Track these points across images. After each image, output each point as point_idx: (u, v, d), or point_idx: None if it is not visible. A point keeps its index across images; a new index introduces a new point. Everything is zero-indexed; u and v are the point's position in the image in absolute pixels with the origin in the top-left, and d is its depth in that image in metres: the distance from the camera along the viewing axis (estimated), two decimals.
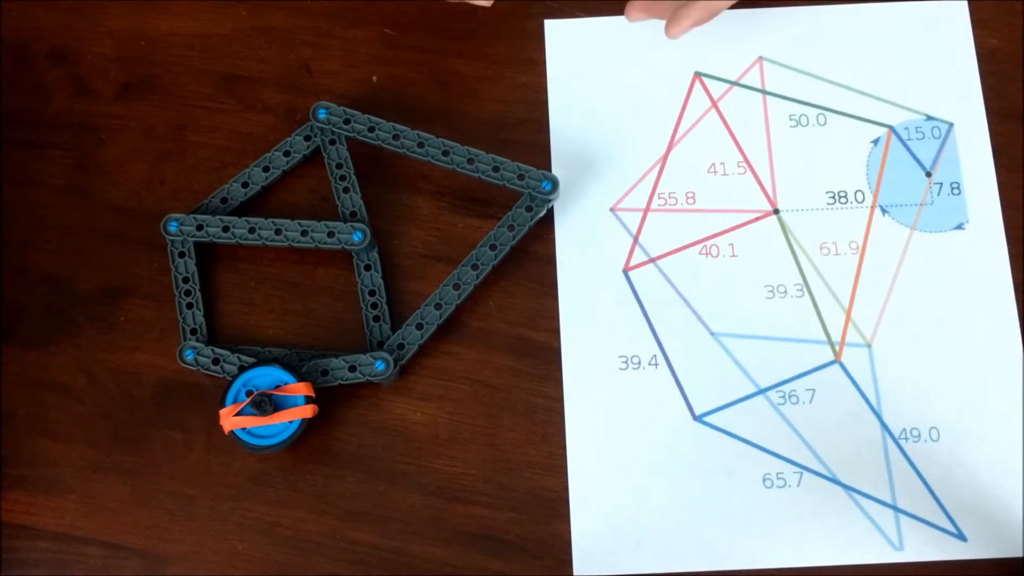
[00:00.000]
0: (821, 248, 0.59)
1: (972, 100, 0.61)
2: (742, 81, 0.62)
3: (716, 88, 0.62)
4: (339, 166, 0.60)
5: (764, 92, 0.62)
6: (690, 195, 0.61)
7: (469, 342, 0.59)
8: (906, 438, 0.56)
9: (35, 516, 0.57)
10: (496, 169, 0.59)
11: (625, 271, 0.59)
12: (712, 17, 0.57)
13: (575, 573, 0.55)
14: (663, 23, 0.57)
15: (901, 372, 0.57)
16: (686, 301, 0.59)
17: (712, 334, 0.58)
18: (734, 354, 0.58)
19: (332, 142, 0.60)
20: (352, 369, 0.56)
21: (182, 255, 0.59)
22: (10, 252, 0.61)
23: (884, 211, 0.60)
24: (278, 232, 0.58)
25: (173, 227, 0.59)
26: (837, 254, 0.59)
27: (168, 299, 0.59)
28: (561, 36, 0.63)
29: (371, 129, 0.60)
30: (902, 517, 0.55)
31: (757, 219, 0.60)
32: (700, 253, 0.60)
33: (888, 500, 0.56)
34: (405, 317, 0.58)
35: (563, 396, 0.57)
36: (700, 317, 0.59)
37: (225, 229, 0.59)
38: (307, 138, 0.61)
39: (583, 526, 0.56)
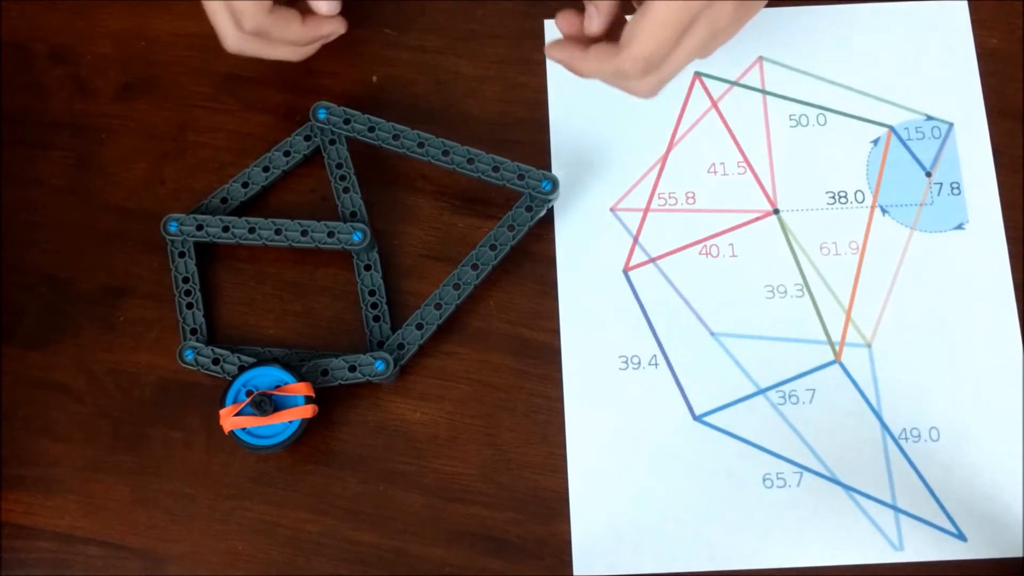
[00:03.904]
0: (821, 248, 0.59)
1: (972, 100, 0.61)
2: (742, 81, 0.62)
3: (716, 88, 0.62)
4: (339, 166, 0.60)
5: (764, 92, 0.62)
6: (690, 195, 0.61)
7: (469, 342, 0.59)
8: (906, 438, 0.56)
9: (35, 516, 0.57)
10: (496, 169, 0.59)
11: (625, 271, 0.59)
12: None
13: (575, 573, 0.55)
14: None
15: (901, 372, 0.57)
16: (686, 301, 0.59)
17: (712, 334, 0.58)
18: (734, 354, 0.58)
19: (332, 142, 0.60)
20: (352, 369, 0.56)
21: (182, 255, 0.59)
22: (10, 252, 0.61)
23: (884, 211, 0.60)
24: (278, 232, 0.58)
25: (173, 227, 0.59)
26: (837, 254, 0.59)
27: (168, 299, 0.59)
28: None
29: (371, 129, 0.60)
30: (902, 517, 0.55)
31: (757, 219, 0.60)
32: (700, 253, 0.60)
33: (888, 500, 0.56)
34: (405, 317, 0.58)
35: (563, 396, 0.57)
36: (700, 317, 0.59)
37: (225, 229, 0.59)
38: (307, 138, 0.61)
39: (583, 526, 0.56)
